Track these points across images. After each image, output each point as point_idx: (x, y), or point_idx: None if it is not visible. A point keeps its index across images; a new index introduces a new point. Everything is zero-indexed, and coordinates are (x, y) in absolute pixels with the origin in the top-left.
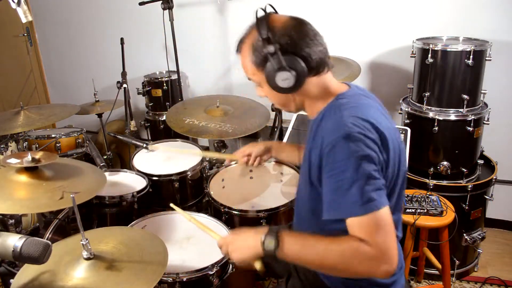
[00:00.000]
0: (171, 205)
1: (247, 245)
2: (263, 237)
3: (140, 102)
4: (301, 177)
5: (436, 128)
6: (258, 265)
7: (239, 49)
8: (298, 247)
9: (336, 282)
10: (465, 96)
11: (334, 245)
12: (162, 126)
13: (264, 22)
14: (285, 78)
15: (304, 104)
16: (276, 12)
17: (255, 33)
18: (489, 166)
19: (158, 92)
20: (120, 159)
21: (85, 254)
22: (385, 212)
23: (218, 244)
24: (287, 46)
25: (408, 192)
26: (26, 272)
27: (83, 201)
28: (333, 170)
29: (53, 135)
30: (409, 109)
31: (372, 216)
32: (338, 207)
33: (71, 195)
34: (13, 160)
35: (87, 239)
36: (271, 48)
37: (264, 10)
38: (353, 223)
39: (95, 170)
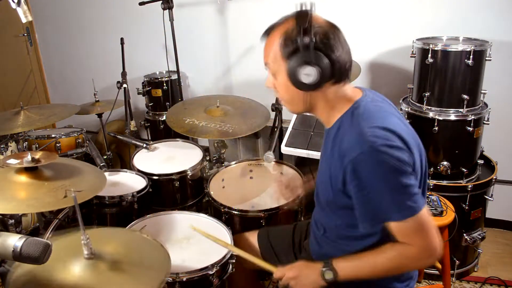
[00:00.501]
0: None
1: (311, 281)
2: (322, 271)
3: (140, 102)
4: (321, 179)
5: (436, 128)
6: None
7: (268, 33)
8: (352, 271)
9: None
10: (465, 96)
11: (381, 258)
12: (162, 126)
13: (305, 15)
14: (308, 74)
15: (315, 108)
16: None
17: (292, 23)
18: (489, 166)
19: (158, 92)
20: (120, 159)
21: (86, 253)
22: (423, 212)
23: (276, 276)
24: (321, 44)
25: None
26: (24, 268)
27: (85, 199)
28: (362, 186)
29: (53, 135)
30: (409, 109)
31: (410, 221)
32: (373, 218)
33: (73, 194)
34: (13, 161)
35: (88, 238)
36: (306, 39)
37: (305, 7)
38: (393, 227)
39: (95, 169)
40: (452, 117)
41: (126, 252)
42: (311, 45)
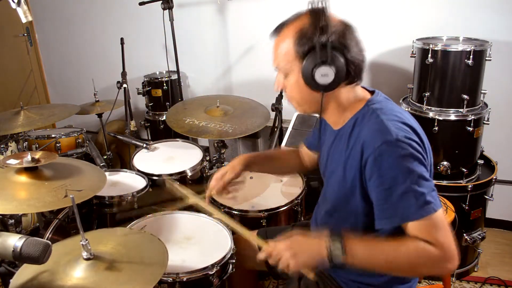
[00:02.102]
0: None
1: (311, 250)
2: (329, 243)
3: (140, 102)
4: (331, 182)
5: (436, 128)
6: (311, 274)
7: (278, 31)
8: (367, 253)
9: (352, 284)
10: (465, 96)
11: (401, 249)
12: (162, 126)
13: (320, 12)
14: (324, 74)
15: (326, 109)
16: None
17: (306, 20)
18: (489, 166)
19: (158, 92)
20: (120, 159)
21: (84, 254)
22: (441, 213)
23: (267, 252)
24: (337, 43)
25: None
26: (25, 272)
27: (86, 198)
28: (383, 178)
29: (53, 135)
30: (409, 109)
31: (430, 218)
32: (393, 215)
33: (71, 196)
34: (12, 161)
35: (86, 240)
36: (323, 38)
37: (318, 5)
38: (412, 227)
39: (95, 169)
40: (452, 117)
41: (125, 251)
42: (328, 44)
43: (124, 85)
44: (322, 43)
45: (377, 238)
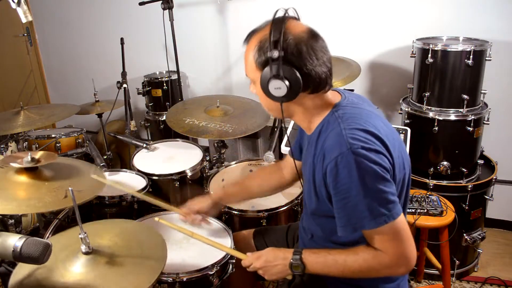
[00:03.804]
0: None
1: (277, 271)
2: (290, 262)
3: (140, 102)
4: (306, 187)
5: (436, 128)
6: (289, 276)
7: (248, 39)
8: (321, 266)
9: (341, 285)
10: (465, 96)
11: (352, 258)
12: (162, 126)
13: (280, 24)
14: (277, 87)
15: (294, 116)
16: (297, 18)
17: (266, 31)
18: (489, 166)
19: (158, 92)
20: (120, 159)
21: (83, 248)
22: (399, 221)
23: (244, 264)
24: (291, 57)
25: None
26: (24, 268)
27: (86, 199)
28: (338, 189)
29: (53, 135)
30: (409, 109)
31: (383, 229)
32: (347, 224)
33: (69, 188)
34: (12, 162)
35: (85, 233)
36: (275, 53)
37: (285, 12)
38: (368, 234)
39: (95, 169)
40: (452, 117)
41: (124, 244)
42: (280, 59)
43: (124, 85)
44: (275, 58)
45: (334, 251)
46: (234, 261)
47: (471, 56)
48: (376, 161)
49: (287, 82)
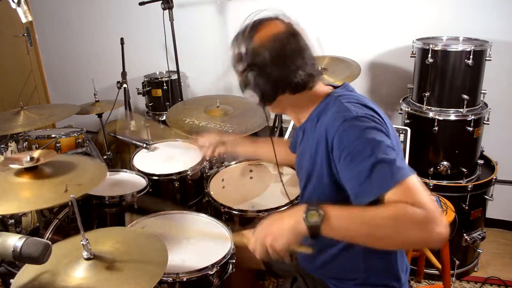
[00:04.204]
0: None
1: (288, 226)
2: (304, 213)
3: (140, 102)
4: (304, 176)
5: (436, 128)
6: (304, 248)
7: (232, 43)
8: (346, 218)
9: (340, 285)
10: (465, 96)
11: (383, 211)
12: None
13: (251, 33)
14: (252, 95)
15: (286, 111)
16: (273, 18)
17: (239, 41)
18: (489, 166)
19: (158, 92)
20: (120, 159)
21: (85, 254)
22: (415, 177)
23: (251, 247)
24: (261, 66)
25: None
26: (26, 272)
27: (85, 191)
28: (350, 153)
29: (53, 135)
30: (409, 109)
31: (406, 182)
32: (368, 189)
33: (71, 196)
34: (12, 163)
35: (87, 239)
36: (239, 67)
37: (254, 19)
38: (391, 195)
39: (94, 162)
40: (452, 117)
41: (125, 249)
42: (246, 71)
43: (124, 85)
44: (242, 70)
45: (358, 206)
46: (234, 261)
47: (471, 56)
48: (381, 124)
49: (257, 90)
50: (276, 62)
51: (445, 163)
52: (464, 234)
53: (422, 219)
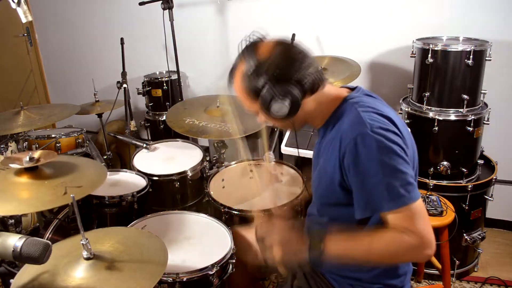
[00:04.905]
0: None
1: (293, 251)
2: (308, 246)
3: (140, 102)
4: (317, 177)
5: (436, 128)
6: (282, 269)
7: (231, 78)
8: (344, 243)
9: (346, 286)
10: (465, 96)
11: (378, 239)
12: (162, 126)
13: (251, 53)
14: (279, 108)
15: (307, 121)
16: (262, 38)
17: (243, 65)
18: (489, 166)
19: (158, 92)
20: (120, 159)
21: (85, 254)
22: (418, 203)
23: (258, 234)
24: (277, 76)
25: None
26: (26, 272)
27: (85, 194)
28: (358, 169)
29: (53, 135)
30: (409, 109)
31: (404, 209)
32: (366, 204)
33: (71, 195)
34: (12, 163)
35: (87, 239)
36: (260, 82)
37: (248, 40)
38: (389, 217)
39: (94, 164)
40: (452, 117)
41: (124, 249)
42: (267, 83)
43: (124, 85)
44: (262, 85)
45: (355, 233)
46: (234, 261)
47: (471, 56)
48: (395, 141)
49: (286, 100)
50: (290, 64)
51: (445, 163)
52: (464, 234)
53: (415, 246)
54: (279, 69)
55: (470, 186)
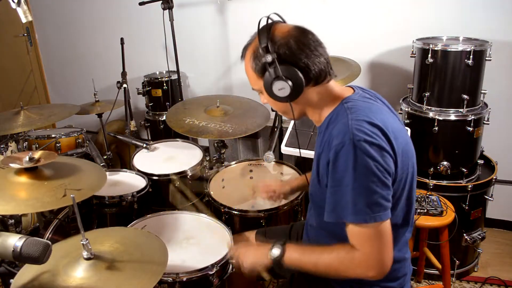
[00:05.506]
0: None
1: (258, 253)
2: (272, 246)
3: (140, 102)
4: (312, 176)
5: (436, 128)
6: (265, 274)
7: (243, 55)
8: (297, 256)
9: (345, 285)
10: (465, 96)
11: (326, 254)
12: (162, 126)
13: (266, 30)
14: (281, 88)
15: (306, 112)
16: (282, 20)
17: (257, 41)
18: (489, 166)
19: (158, 92)
20: (120, 159)
21: (85, 254)
22: (382, 225)
23: (231, 253)
24: (285, 56)
25: None
26: (26, 272)
27: (85, 198)
28: (333, 176)
29: (53, 135)
30: (409, 109)
31: (365, 226)
32: (332, 210)
33: (71, 195)
34: (12, 162)
35: (87, 239)
36: (268, 57)
37: (268, 18)
38: (348, 228)
39: (95, 167)
40: (452, 117)
41: (124, 249)
42: (275, 61)
43: (124, 85)
44: (269, 61)
45: (314, 246)
46: (234, 261)
47: (471, 56)
48: (375, 158)
49: (289, 81)
50: (301, 48)
51: (445, 163)
52: (464, 234)
53: (357, 265)
54: (289, 50)
55: (470, 186)
